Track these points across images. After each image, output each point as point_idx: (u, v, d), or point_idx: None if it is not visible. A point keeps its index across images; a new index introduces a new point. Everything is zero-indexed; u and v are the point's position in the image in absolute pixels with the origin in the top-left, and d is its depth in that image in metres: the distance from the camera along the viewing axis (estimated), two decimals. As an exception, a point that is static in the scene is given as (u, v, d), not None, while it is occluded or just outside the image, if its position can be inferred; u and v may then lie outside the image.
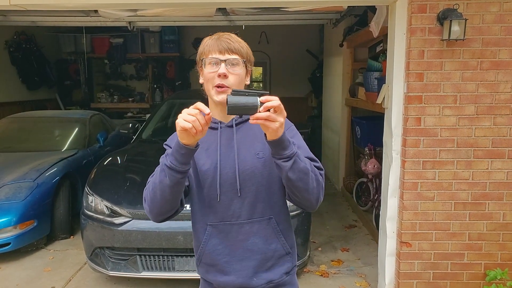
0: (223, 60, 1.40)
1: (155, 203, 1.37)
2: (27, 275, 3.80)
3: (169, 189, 1.31)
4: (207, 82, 1.43)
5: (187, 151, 1.25)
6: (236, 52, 1.42)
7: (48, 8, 3.29)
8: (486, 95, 2.90)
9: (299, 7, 4.19)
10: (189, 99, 5.39)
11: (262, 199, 1.45)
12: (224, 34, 1.45)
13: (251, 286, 1.47)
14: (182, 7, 4.04)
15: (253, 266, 1.46)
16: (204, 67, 1.43)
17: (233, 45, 1.42)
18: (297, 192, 1.35)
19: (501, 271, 2.97)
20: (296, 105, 9.13)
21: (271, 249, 1.48)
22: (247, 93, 1.17)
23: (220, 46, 1.41)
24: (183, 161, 1.27)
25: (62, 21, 5.95)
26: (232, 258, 1.46)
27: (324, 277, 3.68)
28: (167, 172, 1.28)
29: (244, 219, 1.45)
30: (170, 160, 1.28)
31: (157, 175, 1.34)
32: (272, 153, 1.30)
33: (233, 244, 1.46)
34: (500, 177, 2.98)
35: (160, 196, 1.34)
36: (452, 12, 2.75)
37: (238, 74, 1.42)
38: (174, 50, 9.12)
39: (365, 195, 5.17)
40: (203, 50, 1.44)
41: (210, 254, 1.48)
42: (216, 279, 1.50)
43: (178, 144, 1.25)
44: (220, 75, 1.39)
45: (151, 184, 1.37)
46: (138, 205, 3.29)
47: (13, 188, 4.17)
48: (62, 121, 5.86)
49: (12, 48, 7.68)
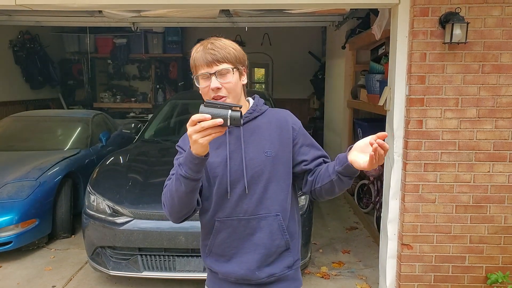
0: (213, 73, 1.41)
1: (174, 208, 1.42)
2: (28, 274, 3.81)
3: (185, 195, 1.36)
4: (204, 96, 1.46)
5: (200, 161, 1.28)
6: (222, 61, 1.42)
7: (53, 8, 3.31)
8: (487, 98, 2.91)
9: (302, 10, 4.21)
10: (191, 100, 5.43)
11: (269, 196, 1.49)
12: (207, 44, 1.44)
13: (253, 278, 1.51)
14: (186, 9, 4.06)
15: (256, 259, 1.50)
16: (198, 84, 1.45)
17: (218, 55, 1.41)
18: (333, 194, 1.50)
19: (503, 275, 2.97)
20: (298, 107, 9.16)
21: (275, 245, 1.51)
22: (219, 105, 1.22)
23: (205, 59, 1.41)
24: (197, 170, 1.30)
25: (66, 21, 5.98)
26: (239, 250, 1.51)
27: (325, 279, 3.68)
28: (183, 181, 1.32)
29: (251, 215, 1.48)
30: (184, 170, 1.30)
31: (173, 183, 1.37)
32: (341, 172, 1.40)
33: (241, 238, 1.50)
34: (502, 180, 2.98)
35: (178, 202, 1.39)
36: (454, 16, 2.75)
37: (230, 82, 1.43)
38: (177, 51, 9.15)
39: (367, 197, 5.18)
40: (193, 65, 1.46)
41: (219, 246, 1.53)
42: (221, 269, 1.54)
43: (191, 155, 1.27)
44: (213, 89, 1.41)
45: (168, 191, 1.42)
46: (140, 205, 3.30)
47: (15, 187, 4.19)
48: (64, 120, 5.88)
49: (16, 48, 7.72)
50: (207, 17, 4.87)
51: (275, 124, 1.53)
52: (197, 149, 1.24)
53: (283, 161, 1.51)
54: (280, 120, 1.55)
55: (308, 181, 1.54)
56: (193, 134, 1.21)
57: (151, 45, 9.13)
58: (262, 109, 1.56)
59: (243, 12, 4.75)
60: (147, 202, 3.31)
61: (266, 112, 1.57)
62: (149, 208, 3.26)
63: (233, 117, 1.21)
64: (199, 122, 1.20)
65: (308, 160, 1.53)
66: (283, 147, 1.51)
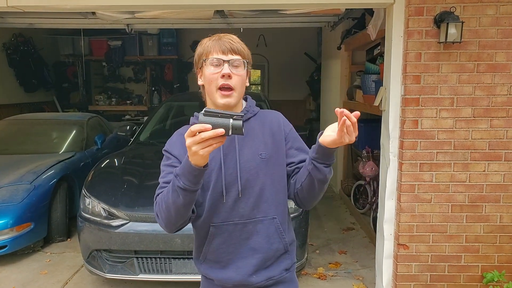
0: (226, 61, 1.39)
1: (170, 220, 1.36)
2: (23, 277, 3.78)
3: (183, 207, 1.30)
4: (210, 84, 1.41)
5: (199, 172, 1.22)
6: (238, 53, 1.41)
7: (46, 9, 3.29)
8: (482, 98, 2.91)
9: (297, 10, 4.21)
10: (187, 102, 5.41)
11: (266, 199, 1.46)
12: (225, 35, 1.44)
13: (250, 283, 1.48)
14: (180, 10, 4.05)
15: (254, 264, 1.47)
16: (205, 68, 1.41)
17: (235, 46, 1.41)
18: (314, 193, 1.44)
19: (498, 273, 2.98)
20: (294, 108, 9.15)
21: (273, 249, 1.49)
22: (220, 114, 1.15)
23: (222, 46, 1.40)
24: (196, 181, 1.24)
25: (60, 23, 5.94)
26: (235, 256, 1.47)
27: (322, 280, 3.67)
28: (181, 193, 1.25)
29: (248, 219, 1.45)
30: (183, 182, 1.23)
31: (169, 194, 1.30)
32: (316, 157, 1.35)
33: (237, 243, 1.46)
34: (497, 179, 2.98)
35: (175, 214, 1.33)
36: (449, 15, 2.76)
37: (241, 75, 1.42)
38: (172, 53, 9.13)
39: (363, 197, 5.18)
40: (203, 51, 1.42)
41: (214, 252, 1.48)
42: (217, 276, 1.50)
43: (190, 166, 1.20)
44: (225, 75, 1.37)
45: (163, 203, 1.34)
46: (135, 208, 3.28)
47: (10, 190, 4.16)
48: (59, 123, 5.84)
49: (9, 51, 7.68)
50: (201, 18, 4.86)
51: (268, 126, 1.52)
52: (197, 160, 1.18)
53: (277, 163, 1.48)
54: (272, 121, 1.54)
55: (291, 184, 1.51)
56: (193, 145, 1.15)
57: (146, 47, 9.11)
58: (255, 111, 1.55)
59: (238, 13, 4.74)
60: (143, 205, 3.29)
61: (258, 113, 1.55)
62: (144, 210, 3.24)
63: (235, 127, 1.14)
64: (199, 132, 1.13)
65: (295, 163, 1.50)
66: (276, 149, 1.49)
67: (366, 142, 4.95)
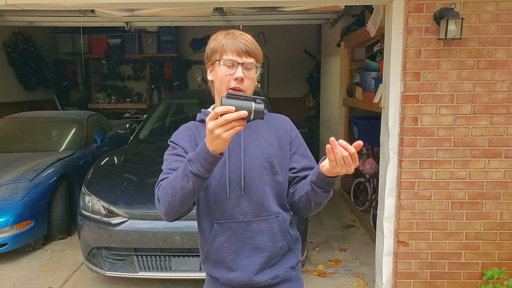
0: (240, 63, 1.38)
1: (173, 207, 1.33)
2: (24, 275, 3.78)
3: (190, 194, 1.28)
4: (221, 83, 1.40)
5: (215, 159, 1.20)
6: (253, 56, 1.40)
7: (44, 7, 3.28)
8: (483, 94, 2.91)
9: (296, 7, 4.20)
10: (186, 99, 5.41)
11: (270, 197, 1.45)
12: (241, 34, 1.42)
13: (256, 282, 1.47)
14: (179, 7, 4.04)
15: (259, 263, 1.46)
16: (218, 67, 1.40)
17: (250, 48, 1.39)
18: (310, 210, 1.46)
19: (499, 271, 2.98)
20: (294, 106, 9.15)
21: (278, 247, 1.48)
22: (242, 97, 1.15)
23: (238, 47, 1.38)
24: (210, 169, 1.22)
25: (59, 21, 5.94)
26: (239, 255, 1.46)
27: (322, 277, 3.68)
28: (192, 178, 1.23)
29: (252, 217, 1.44)
30: (196, 167, 1.21)
31: (178, 179, 1.27)
32: (315, 182, 1.34)
33: (240, 241, 1.45)
34: (497, 176, 2.98)
35: (179, 201, 1.30)
36: (449, 11, 2.75)
37: (253, 78, 1.41)
38: (171, 51, 9.10)
39: (363, 195, 5.17)
40: (218, 49, 1.40)
41: (217, 251, 1.47)
42: (222, 275, 1.49)
43: (207, 152, 1.18)
44: (237, 79, 1.37)
45: (169, 187, 1.31)
46: (135, 205, 3.28)
47: (10, 189, 4.16)
48: (59, 121, 5.84)
49: (9, 49, 7.66)
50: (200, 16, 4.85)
51: (274, 128, 1.52)
52: (218, 144, 1.16)
53: (281, 164, 1.48)
54: (279, 125, 1.54)
55: (289, 192, 1.51)
56: (216, 128, 1.12)
57: (145, 45, 9.09)
58: None
59: (237, 10, 4.73)
60: (142, 202, 3.29)
61: (265, 115, 1.54)
62: (144, 208, 3.24)
63: (257, 109, 1.14)
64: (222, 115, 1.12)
65: (297, 168, 1.50)
66: (281, 151, 1.49)
67: (365, 140, 4.94)
